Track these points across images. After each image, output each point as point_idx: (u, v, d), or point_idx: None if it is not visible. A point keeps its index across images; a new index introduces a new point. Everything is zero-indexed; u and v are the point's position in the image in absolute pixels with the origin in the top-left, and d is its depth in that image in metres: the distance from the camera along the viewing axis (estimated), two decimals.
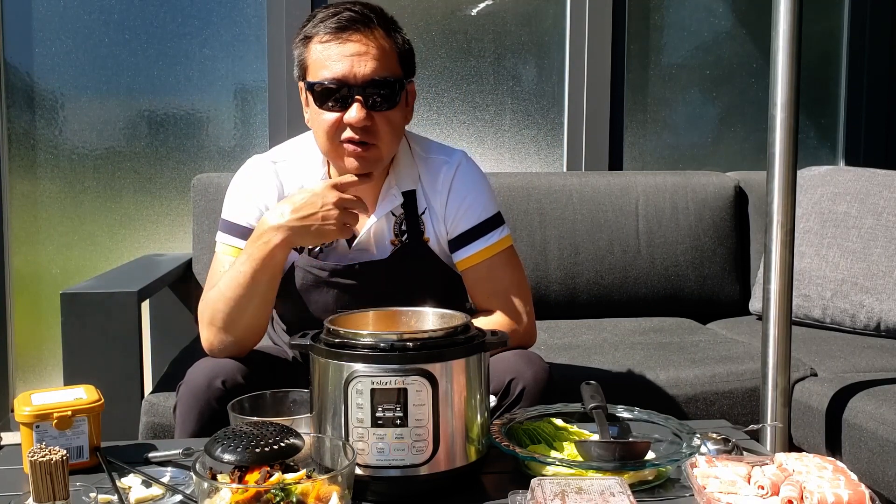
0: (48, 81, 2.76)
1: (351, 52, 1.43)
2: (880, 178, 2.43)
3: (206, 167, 2.84)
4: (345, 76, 1.43)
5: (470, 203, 1.58)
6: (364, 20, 1.44)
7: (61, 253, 2.81)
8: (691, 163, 3.13)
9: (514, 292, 1.56)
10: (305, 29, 1.48)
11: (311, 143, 1.58)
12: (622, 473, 1.16)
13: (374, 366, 1.12)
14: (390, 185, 1.57)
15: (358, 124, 1.44)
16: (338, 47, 1.43)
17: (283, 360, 1.68)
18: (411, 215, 1.57)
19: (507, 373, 1.44)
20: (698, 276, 2.61)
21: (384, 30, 1.47)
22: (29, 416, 1.24)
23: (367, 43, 1.44)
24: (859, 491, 1.06)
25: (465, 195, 1.58)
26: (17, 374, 2.83)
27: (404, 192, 1.57)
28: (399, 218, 1.57)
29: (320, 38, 1.45)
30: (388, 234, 1.57)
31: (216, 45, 2.83)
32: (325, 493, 1.01)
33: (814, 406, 1.88)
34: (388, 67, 1.46)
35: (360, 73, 1.43)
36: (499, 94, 2.99)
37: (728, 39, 3.14)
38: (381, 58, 1.45)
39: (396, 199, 1.56)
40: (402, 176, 1.58)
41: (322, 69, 1.44)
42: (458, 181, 1.58)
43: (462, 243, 1.57)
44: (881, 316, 2.27)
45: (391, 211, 1.56)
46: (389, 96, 1.46)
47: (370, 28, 1.45)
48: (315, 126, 1.50)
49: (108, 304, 1.83)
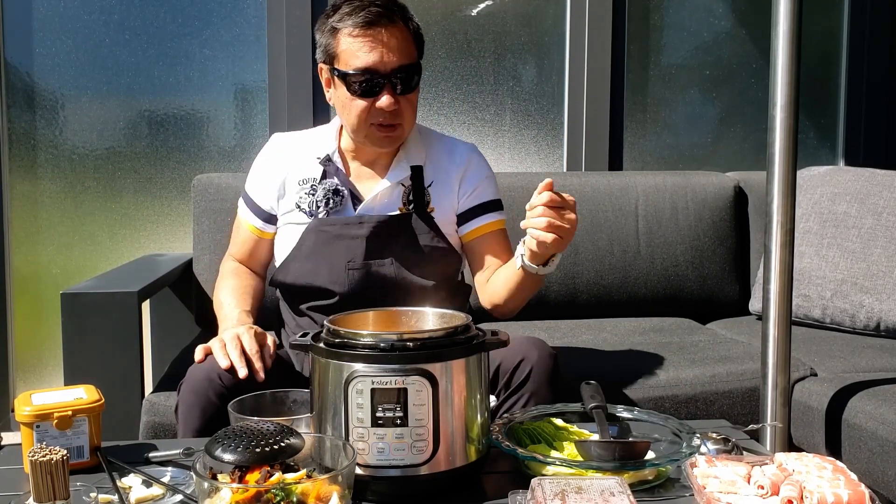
0: (48, 81, 2.76)
1: (379, 45, 1.60)
2: (880, 178, 2.43)
3: (207, 167, 2.84)
4: (375, 66, 1.60)
5: (485, 185, 1.79)
6: (388, 14, 1.62)
7: (61, 253, 2.81)
8: (691, 163, 3.13)
9: (506, 260, 1.73)
10: (332, 20, 1.63)
11: (329, 126, 1.79)
12: (622, 473, 1.16)
13: (374, 366, 1.12)
14: (400, 159, 1.74)
15: (388, 109, 1.62)
16: (367, 40, 1.60)
17: (286, 363, 1.70)
18: (418, 187, 1.73)
19: (517, 354, 1.53)
20: (698, 276, 2.61)
21: (403, 21, 1.64)
22: (29, 415, 1.25)
23: (391, 35, 1.61)
24: (859, 491, 1.06)
25: (481, 178, 1.79)
26: (17, 374, 2.84)
27: (413, 166, 1.74)
28: (407, 189, 1.73)
29: (350, 30, 1.61)
30: (397, 202, 1.72)
31: (216, 45, 2.83)
32: (325, 492, 1.01)
33: (813, 406, 1.88)
34: (410, 54, 1.64)
35: (388, 62, 1.61)
36: (499, 94, 2.99)
37: (728, 39, 3.14)
38: (403, 47, 1.63)
39: (405, 171, 1.73)
40: (412, 152, 1.75)
41: (353, 59, 1.61)
42: (476, 164, 1.80)
43: (472, 216, 1.77)
44: (881, 316, 2.27)
45: (400, 182, 1.72)
46: (411, 80, 1.65)
47: (394, 22, 1.62)
48: (345, 110, 1.66)
49: (108, 304, 1.83)
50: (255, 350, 1.49)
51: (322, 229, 1.69)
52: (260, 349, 1.50)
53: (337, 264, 1.67)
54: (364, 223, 1.68)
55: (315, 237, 1.69)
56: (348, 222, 1.69)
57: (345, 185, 1.71)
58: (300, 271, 1.70)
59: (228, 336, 1.51)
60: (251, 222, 1.79)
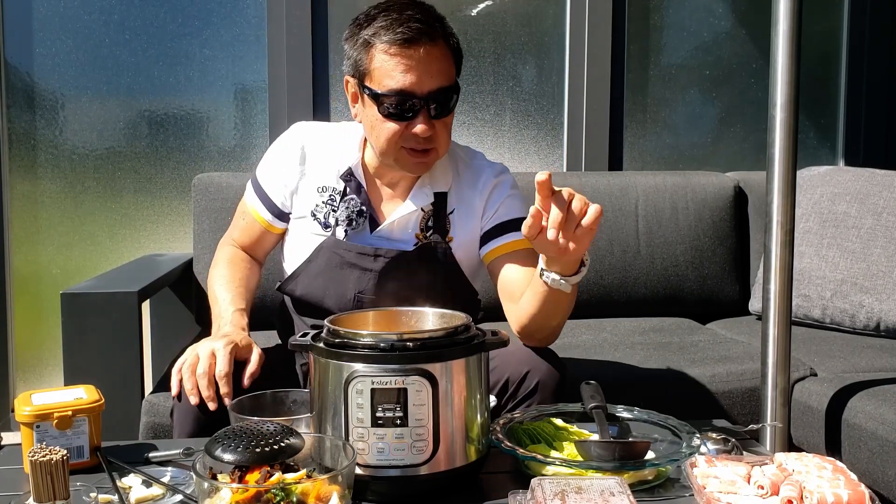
0: (48, 81, 2.76)
1: (417, 66, 1.46)
2: (880, 178, 2.43)
3: (207, 167, 2.84)
4: (412, 89, 1.46)
5: (507, 204, 1.65)
6: (429, 32, 1.46)
7: (61, 253, 2.81)
8: (691, 163, 3.13)
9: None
10: (365, 32, 1.48)
11: (354, 130, 1.65)
12: (622, 473, 1.16)
13: (374, 366, 1.12)
14: (423, 184, 1.62)
15: (423, 135, 1.49)
16: (405, 60, 1.46)
17: (286, 364, 1.69)
18: (439, 214, 1.62)
19: (525, 364, 1.48)
20: (698, 276, 2.61)
21: (444, 38, 1.50)
22: (29, 415, 1.25)
23: (431, 54, 1.47)
24: (859, 491, 1.06)
25: (503, 197, 1.65)
26: (17, 374, 2.84)
27: (437, 192, 1.62)
28: (427, 214, 1.62)
29: (386, 47, 1.46)
30: (414, 228, 1.61)
31: (216, 45, 2.83)
32: (325, 492, 1.01)
33: (813, 406, 1.88)
34: (449, 75, 1.51)
35: (426, 85, 1.47)
36: (499, 94, 2.99)
37: (728, 39, 3.14)
38: (443, 68, 1.49)
39: (428, 197, 1.62)
40: (437, 176, 1.63)
41: (387, 79, 1.47)
42: (500, 186, 1.66)
43: (493, 235, 1.63)
44: (881, 316, 2.27)
45: (421, 207, 1.61)
46: (449, 102, 1.52)
47: (434, 40, 1.47)
48: (374, 131, 1.53)
49: (108, 304, 1.83)
50: (224, 373, 1.38)
51: (336, 251, 1.60)
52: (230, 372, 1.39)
53: (347, 292, 1.59)
54: (379, 257, 1.58)
55: (328, 257, 1.60)
56: (363, 251, 1.58)
57: (366, 203, 1.61)
58: (309, 287, 1.63)
59: (204, 352, 1.41)
60: (260, 213, 1.68)
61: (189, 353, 1.43)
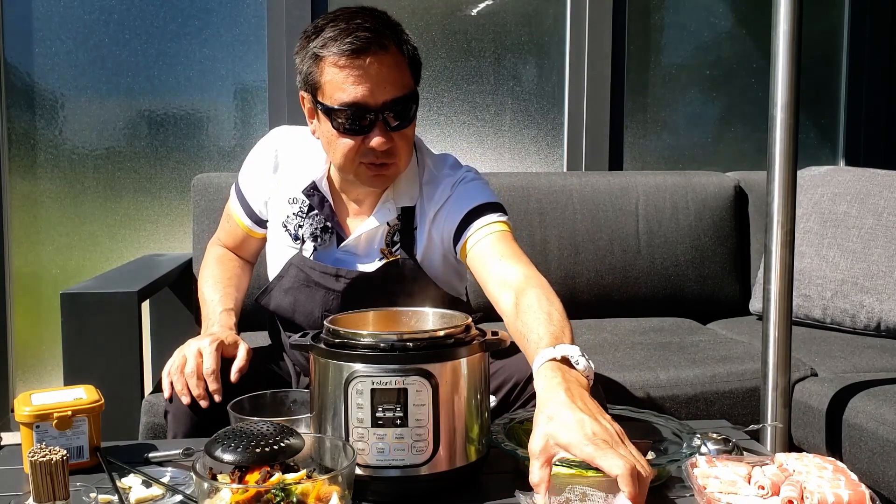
0: (48, 81, 2.76)
1: (369, 76, 1.39)
2: (880, 179, 2.43)
3: (206, 167, 2.84)
4: (364, 101, 1.40)
5: (465, 196, 1.54)
6: (378, 40, 1.39)
7: (61, 253, 2.81)
8: (691, 163, 3.13)
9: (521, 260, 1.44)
10: (314, 44, 1.42)
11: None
12: None
13: (374, 366, 1.12)
14: (387, 199, 1.55)
15: (380, 149, 1.42)
16: (355, 71, 1.39)
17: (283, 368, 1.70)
18: (406, 229, 1.56)
19: (528, 368, 1.43)
20: (698, 276, 2.61)
21: (396, 45, 1.42)
22: (29, 416, 1.24)
23: (383, 63, 1.39)
24: (859, 491, 1.06)
25: (462, 189, 1.56)
26: (17, 374, 2.83)
27: (403, 206, 1.55)
28: (393, 229, 1.56)
29: (335, 59, 1.39)
30: (380, 243, 1.56)
31: (216, 45, 2.83)
32: (325, 493, 1.01)
33: (814, 406, 1.88)
34: (404, 84, 1.43)
35: (379, 96, 1.40)
36: (499, 94, 2.99)
37: (728, 39, 3.14)
38: (397, 77, 1.42)
39: (391, 213, 1.55)
40: (402, 192, 1.56)
41: (338, 92, 1.40)
42: (457, 183, 1.57)
43: (462, 229, 1.52)
44: (881, 316, 2.27)
45: (386, 222, 1.55)
46: (406, 113, 1.45)
47: (385, 48, 1.40)
48: (330, 147, 1.47)
49: (108, 304, 1.83)
50: (211, 370, 1.39)
51: (303, 269, 1.57)
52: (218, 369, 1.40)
53: (314, 310, 1.56)
54: (340, 277, 1.54)
55: (296, 274, 1.57)
56: (326, 271, 1.54)
57: (330, 219, 1.57)
58: (280, 302, 1.60)
59: (190, 353, 1.41)
60: (241, 219, 1.68)
61: (176, 355, 1.43)
